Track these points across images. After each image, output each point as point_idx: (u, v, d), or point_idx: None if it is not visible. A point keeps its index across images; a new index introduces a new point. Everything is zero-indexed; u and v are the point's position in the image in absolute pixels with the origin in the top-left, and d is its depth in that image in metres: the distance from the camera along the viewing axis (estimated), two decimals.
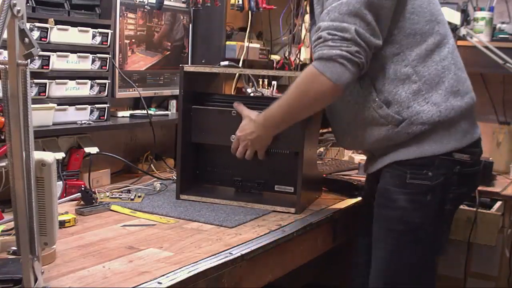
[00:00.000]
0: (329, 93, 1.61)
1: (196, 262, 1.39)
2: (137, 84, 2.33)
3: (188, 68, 1.95)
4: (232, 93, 2.77)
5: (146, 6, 2.32)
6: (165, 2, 2.38)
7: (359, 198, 2.10)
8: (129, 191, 2.01)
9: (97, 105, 2.10)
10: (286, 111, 1.72)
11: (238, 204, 1.91)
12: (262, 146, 1.85)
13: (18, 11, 1.04)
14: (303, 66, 2.93)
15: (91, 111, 2.09)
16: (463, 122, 1.70)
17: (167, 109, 2.57)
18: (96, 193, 1.91)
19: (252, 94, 2.57)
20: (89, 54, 2.05)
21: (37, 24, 1.86)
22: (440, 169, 1.67)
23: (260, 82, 2.73)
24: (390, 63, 1.65)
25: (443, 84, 1.66)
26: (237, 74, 2.75)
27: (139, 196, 1.95)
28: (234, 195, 2.00)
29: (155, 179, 2.23)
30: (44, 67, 1.90)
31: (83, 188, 1.84)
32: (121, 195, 1.95)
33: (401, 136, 1.67)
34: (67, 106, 2.00)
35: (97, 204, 1.82)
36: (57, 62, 1.94)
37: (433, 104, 1.64)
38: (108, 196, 1.93)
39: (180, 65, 1.95)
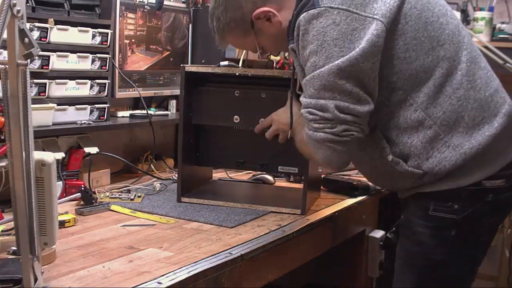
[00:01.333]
0: (327, 167, 1.59)
1: (196, 262, 1.39)
2: (137, 84, 2.33)
3: (189, 68, 1.94)
4: None
5: (146, 6, 2.32)
6: (165, 2, 2.38)
7: (359, 198, 2.10)
8: (129, 191, 2.01)
9: (97, 105, 2.10)
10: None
11: (242, 206, 1.89)
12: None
13: (18, 11, 1.04)
14: None
15: (91, 111, 2.09)
16: (497, 143, 1.47)
17: (167, 109, 2.57)
18: (96, 193, 1.91)
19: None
20: (89, 54, 2.05)
21: (37, 24, 1.86)
22: (468, 200, 1.47)
23: None
24: (399, 110, 1.46)
25: (463, 120, 1.45)
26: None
27: (139, 196, 1.95)
28: (237, 197, 1.99)
29: (155, 179, 2.23)
30: (44, 67, 1.90)
31: (83, 188, 1.84)
32: (121, 195, 1.95)
33: (425, 183, 1.51)
34: (67, 106, 2.00)
35: (97, 204, 1.82)
36: (57, 62, 1.94)
37: (455, 147, 1.44)
38: (108, 196, 1.93)
39: (182, 65, 1.94)
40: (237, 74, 1.91)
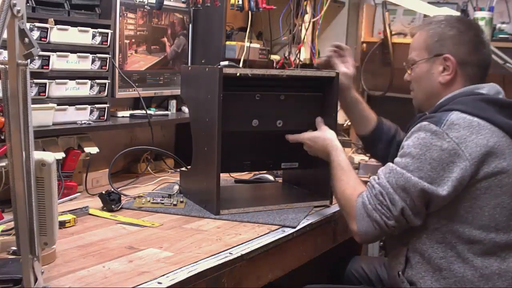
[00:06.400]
0: (355, 235, 1.66)
1: (196, 262, 1.39)
2: (137, 84, 2.33)
3: (228, 70, 1.79)
4: None
5: (146, 6, 2.32)
6: (165, 2, 2.38)
7: None
8: (169, 196, 1.95)
9: (97, 105, 2.10)
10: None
11: (280, 207, 1.87)
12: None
13: (18, 11, 1.04)
14: (303, 66, 2.93)
15: (91, 111, 2.09)
16: None
17: (167, 109, 2.57)
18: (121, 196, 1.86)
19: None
20: (89, 54, 2.04)
21: (37, 24, 1.86)
22: None
23: None
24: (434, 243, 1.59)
25: None
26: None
27: (181, 202, 1.90)
28: (268, 200, 1.97)
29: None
30: (44, 67, 1.90)
31: (103, 192, 1.82)
32: (162, 200, 1.90)
33: None
34: (67, 106, 2.00)
35: (75, 209, 1.76)
36: (57, 62, 1.94)
37: None
38: (149, 201, 1.89)
39: (219, 66, 1.78)
40: (285, 75, 1.90)
